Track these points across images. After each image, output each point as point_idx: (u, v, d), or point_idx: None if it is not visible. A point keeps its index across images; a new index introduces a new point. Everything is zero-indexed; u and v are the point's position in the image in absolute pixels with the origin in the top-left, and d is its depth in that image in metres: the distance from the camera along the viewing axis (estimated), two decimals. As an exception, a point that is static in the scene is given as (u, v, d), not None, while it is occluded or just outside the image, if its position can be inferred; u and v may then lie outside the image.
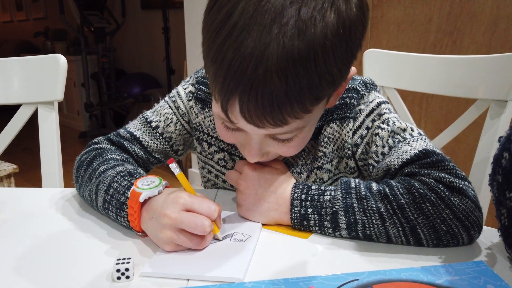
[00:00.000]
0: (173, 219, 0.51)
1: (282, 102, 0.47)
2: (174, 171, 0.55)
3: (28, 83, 0.97)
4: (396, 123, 0.63)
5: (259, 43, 0.44)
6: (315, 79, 0.47)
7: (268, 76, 0.45)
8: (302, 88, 0.47)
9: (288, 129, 0.52)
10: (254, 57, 0.45)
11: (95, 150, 0.70)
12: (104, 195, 0.60)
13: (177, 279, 0.47)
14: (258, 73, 0.45)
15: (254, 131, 0.52)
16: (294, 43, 0.44)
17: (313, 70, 0.46)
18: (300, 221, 0.57)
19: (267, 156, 0.60)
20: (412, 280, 0.45)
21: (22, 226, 0.61)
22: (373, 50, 1.05)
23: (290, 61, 0.45)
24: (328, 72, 0.48)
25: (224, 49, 0.46)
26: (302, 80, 0.46)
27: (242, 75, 0.46)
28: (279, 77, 0.45)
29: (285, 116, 0.48)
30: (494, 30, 1.49)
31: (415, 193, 0.53)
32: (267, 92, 0.46)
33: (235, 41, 0.45)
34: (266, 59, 0.44)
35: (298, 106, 0.48)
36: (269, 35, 0.44)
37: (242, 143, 0.59)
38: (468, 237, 0.53)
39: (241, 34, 0.45)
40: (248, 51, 0.45)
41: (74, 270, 0.50)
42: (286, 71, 0.45)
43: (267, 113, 0.48)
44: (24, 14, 5.48)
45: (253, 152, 0.57)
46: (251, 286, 0.45)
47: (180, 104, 0.75)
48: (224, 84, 0.47)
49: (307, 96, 0.48)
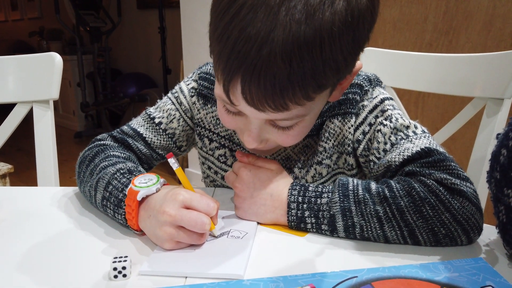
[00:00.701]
0: (173, 216, 0.51)
1: (285, 86, 0.46)
2: (172, 166, 0.54)
3: (23, 81, 0.96)
4: (399, 120, 0.62)
5: (265, 24, 0.44)
6: (319, 65, 0.46)
7: (272, 58, 0.45)
8: (306, 73, 0.46)
9: (289, 115, 0.51)
10: (259, 38, 0.44)
11: (98, 147, 0.70)
12: (103, 192, 0.60)
13: (175, 277, 0.47)
14: (262, 54, 0.45)
15: (255, 114, 0.52)
16: (301, 27, 0.44)
17: (318, 56, 0.46)
18: (297, 223, 0.57)
19: (266, 143, 0.59)
20: (411, 277, 0.45)
21: (19, 225, 0.61)
22: (370, 48, 1.05)
23: (296, 45, 0.44)
24: (333, 60, 0.47)
25: (230, 28, 0.46)
26: (306, 65, 0.46)
27: (246, 56, 0.45)
28: (283, 60, 0.45)
29: (286, 101, 0.48)
30: (490, 29, 1.49)
31: (415, 196, 0.52)
32: (269, 75, 0.45)
33: (242, 21, 0.45)
34: (271, 41, 0.44)
35: (300, 91, 0.48)
36: (276, 17, 0.44)
37: (241, 128, 0.58)
38: (467, 239, 0.53)
39: (248, 14, 0.45)
40: (254, 31, 0.44)
41: (71, 269, 0.49)
42: (291, 55, 0.45)
43: (269, 96, 0.47)
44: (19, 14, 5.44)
45: (252, 137, 0.56)
46: (249, 283, 0.45)
47: (183, 100, 0.74)
48: (228, 64, 0.47)
49: (310, 82, 0.47)
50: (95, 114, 4.24)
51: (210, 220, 0.52)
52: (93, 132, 4.02)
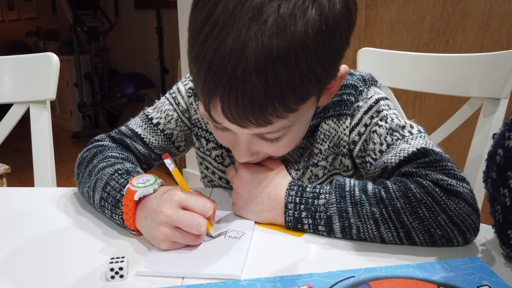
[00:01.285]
0: (169, 216, 0.51)
1: (263, 102, 0.46)
2: (169, 166, 0.54)
3: (20, 82, 0.96)
4: (395, 120, 0.62)
5: (238, 42, 0.44)
6: (296, 78, 0.46)
7: (247, 76, 0.44)
8: (283, 87, 0.46)
9: (274, 128, 0.51)
10: (233, 57, 0.44)
11: (97, 148, 0.70)
12: (101, 192, 0.60)
13: (172, 277, 0.47)
14: (237, 73, 0.44)
15: (239, 130, 0.52)
16: (273, 42, 0.43)
17: (294, 69, 0.45)
18: (294, 224, 0.57)
19: (257, 156, 0.59)
20: (408, 276, 0.45)
21: (16, 226, 0.60)
22: (367, 49, 1.06)
23: (269, 60, 0.44)
24: (311, 71, 0.46)
25: (205, 48, 0.46)
26: (282, 79, 0.45)
27: (221, 75, 0.45)
28: (258, 76, 0.44)
29: (267, 116, 0.48)
30: (487, 29, 1.50)
31: (411, 197, 0.52)
32: (247, 92, 0.45)
33: (215, 40, 0.45)
34: (245, 58, 0.43)
35: (280, 105, 0.47)
36: (248, 33, 0.43)
37: (232, 143, 0.58)
38: (464, 240, 0.53)
39: (221, 32, 0.44)
40: (228, 50, 0.44)
41: (68, 269, 0.49)
42: (266, 71, 0.44)
43: (249, 113, 0.47)
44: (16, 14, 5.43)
45: (241, 151, 0.56)
46: (246, 284, 0.45)
47: (181, 101, 0.74)
48: (205, 84, 0.47)
49: (289, 95, 0.47)
50: (93, 114, 4.23)
51: (207, 222, 0.52)
52: (91, 132, 4.02)
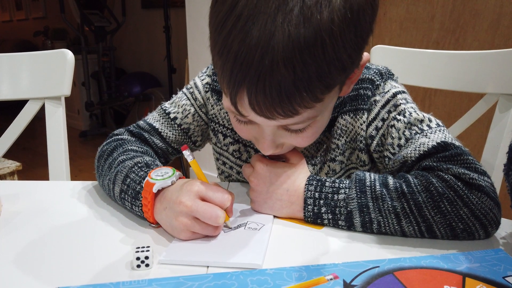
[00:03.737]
0: (189, 206, 0.51)
1: (291, 92, 0.46)
2: (187, 158, 0.55)
3: (35, 78, 0.97)
4: (413, 114, 0.61)
5: (264, 32, 0.43)
6: (323, 67, 0.46)
7: (274, 66, 0.44)
8: (311, 77, 0.45)
9: (300, 119, 0.51)
10: (259, 48, 0.44)
11: (116, 141, 0.70)
12: (121, 185, 0.60)
13: (196, 266, 0.47)
14: (264, 63, 0.44)
15: (265, 123, 0.52)
16: (299, 31, 0.43)
17: (321, 58, 0.45)
18: (313, 219, 0.57)
19: (282, 147, 0.59)
20: (433, 267, 0.45)
21: (38, 217, 0.61)
22: (380, 46, 1.05)
23: (297, 49, 0.43)
24: (337, 59, 0.46)
25: (230, 41, 0.45)
26: (310, 68, 0.45)
27: (248, 66, 0.45)
28: (286, 66, 0.44)
29: (295, 106, 0.47)
30: (497, 27, 1.49)
31: (433, 191, 0.52)
32: (274, 83, 0.45)
33: (240, 32, 0.44)
34: (272, 49, 0.43)
35: (307, 95, 0.47)
36: (274, 24, 0.43)
37: (255, 137, 0.58)
38: (485, 233, 0.53)
39: (246, 24, 0.44)
40: (254, 41, 0.44)
41: (93, 259, 0.50)
42: (293, 60, 0.44)
43: (276, 104, 0.47)
44: (24, 14, 5.46)
45: (266, 144, 0.56)
46: (272, 272, 0.45)
47: (198, 96, 0.75)
48: (232, 77, 0.47)
49: (317, 84, 0.47)
50: (100, 114, 4.25)
51: (224, 214, 0.52)
52: (98, 131, 4.03)
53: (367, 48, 1.04)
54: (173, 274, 0.46)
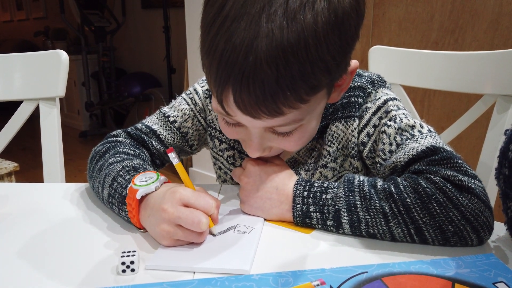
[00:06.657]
0: (171, 213, 0.50)
1: (274, 90, 0.47)
2: (172, 160, 0.54)
3: (29, 79, 0.96)
4: (404, 120, 0.61)
5: (248, 32, 0.45)
6: (307, 67, 0.47)
7: (258, 65, 0.45)
8: (294, 76, 0.46)
9: (286, 120, 0.52)
10: (244, 47, 0.45)
11: (110, 143, 0.70)
12: (109, 188, 0.60)
13: (183, 272, 0.47)
14: (248, 62, 0.45)
15: (252, 123, 0.52)
16: (283, 31, 0.44)
17: (304, 58, 0.46)
18: (302, 218, 0.57)
19: (269, 151, 0.59)
20: (422, 272, 0.45)
21: (25, 219, 0.61)
22: (379, 47, 1.05)
23: (280, 49, 0.45)
24: (321, 60, 0.47)
25: (217, 41, 0.47)
26: (293, 68, 0.46)
27: (233, 65, 0.46)
28: (269, 65, 0.45)
29: (279, 105, 0.48)
30: (497, 28, 1.48)
31: (422, 192, 0.51)
32: (258, 81, 0.46)
33: (227, 32, 0.46)
34: (256, 48, 0.45)
35: (291, 94, 0.48)
36: (258, 24, 0.45)
37: (243, 139, 0.59)
38: (478, 238, 0.52)
39: (232, 24, 0.46)
40: (238, 41, 0.45)
41: (78, 264, 0.49)
42: (276, 59, 0.45)
43: (260, 102, 0.47)
44: (24, 14, 5.47)
45: (253, 146, 0.57)
46: (258, 278, 0.44)
47: (198, 101, 0.76)
48: (217, 75, 0.48)
49: (300, 84, 0.48)
50: (100, 114, 4.25)
51: (208, 219, 0.52)
52: (98, 131, 4.04)
53: (366, 48, 1.04)
54: (158, 280, 0.45)
